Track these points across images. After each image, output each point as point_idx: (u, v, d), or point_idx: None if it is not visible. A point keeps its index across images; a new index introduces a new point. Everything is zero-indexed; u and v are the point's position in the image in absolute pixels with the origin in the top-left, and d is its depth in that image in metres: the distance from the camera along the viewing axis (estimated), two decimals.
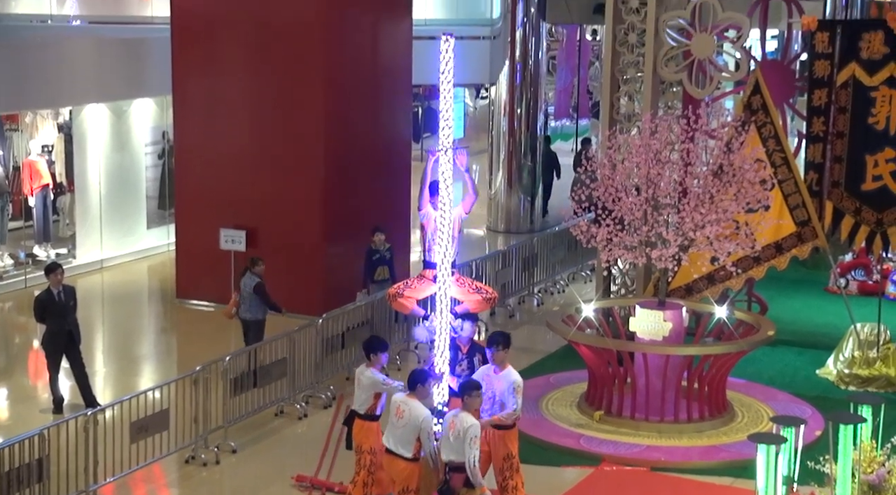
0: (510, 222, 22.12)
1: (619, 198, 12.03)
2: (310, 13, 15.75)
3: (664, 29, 14.18)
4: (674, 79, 14.44)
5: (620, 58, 14.56)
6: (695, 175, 11.94)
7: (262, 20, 15.94)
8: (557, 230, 18.35)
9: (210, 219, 16.24)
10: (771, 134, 13.78)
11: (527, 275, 17.39)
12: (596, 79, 27.29)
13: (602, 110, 14.86)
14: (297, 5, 15.77)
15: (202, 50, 16.34)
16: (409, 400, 9.52)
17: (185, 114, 16.65)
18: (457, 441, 9.18)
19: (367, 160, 16.52)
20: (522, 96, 21.69)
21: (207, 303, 16.50)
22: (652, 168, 11.91)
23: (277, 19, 15.83)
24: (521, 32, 21.43)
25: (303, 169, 15.91)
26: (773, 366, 14.19)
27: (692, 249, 12.06)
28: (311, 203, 15.91)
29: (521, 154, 21.87)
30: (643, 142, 12.03)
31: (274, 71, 15.92)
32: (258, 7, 15.94)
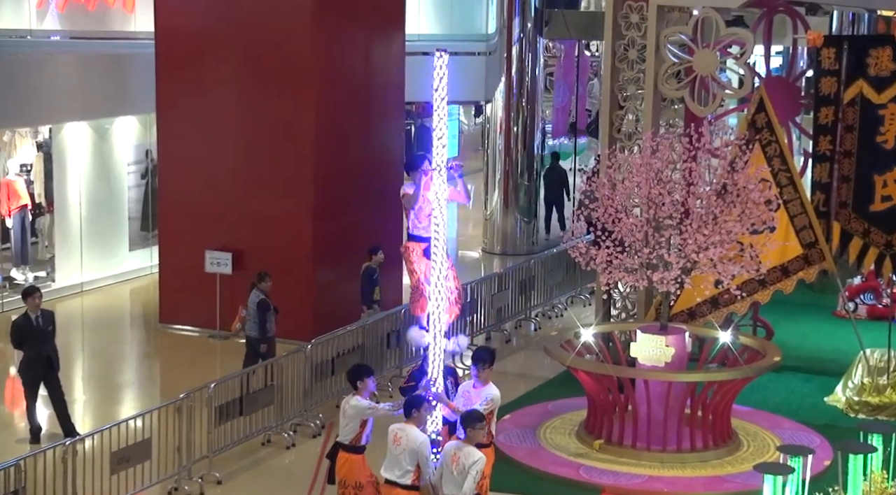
0: (506, 244, 22.10)
1: (619, 218, 12.05)
2: (300, 28, 15.79)
3: (665, 44, 14.23)
4: (675, 96, 14.49)
5: (620, 74, 14.60)
6: (697, 195, 11.96)
7: (250, 36, 15.97)
8: (556, 252, 18.35)
9: (195, 241, 16.23)
10: (776, 153, 13.81)
11: (524, 298, 17.36)
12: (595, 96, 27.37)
13: (601, 128, 14.88)
14: (287, 21, 15.81)
15: (188, 66, 16.36)
16: (406, 426, 9.53)
17: (169, 132, 16.65)
18: (461, 475, 9.18)
19: (359, 179, 16.53)
20: (519, 114, 21.73)
21: (192, 328, 16.45)
22: (653, 188, 11.93)
23: (266, 35, 15.87)
24: (518, 48, 21.48)
25: (291, 188, 15.90)
26: (780, 393, 14.17)
27: (695, 272, 12.06)
28: (301, 224, 15.90)
29: (517, 173, 21.89)
30: (644, 161, 12.06)
31: (262, 88, 15.94)
32: (246, 22, 15.98)
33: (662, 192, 11.93)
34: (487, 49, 22.12)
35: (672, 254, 11.88)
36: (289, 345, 14.02)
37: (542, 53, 22.01)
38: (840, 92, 14.04)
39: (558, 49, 23.93)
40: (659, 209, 11.94)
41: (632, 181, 12.06)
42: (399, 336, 14.55)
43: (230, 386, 12.11)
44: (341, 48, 16.26)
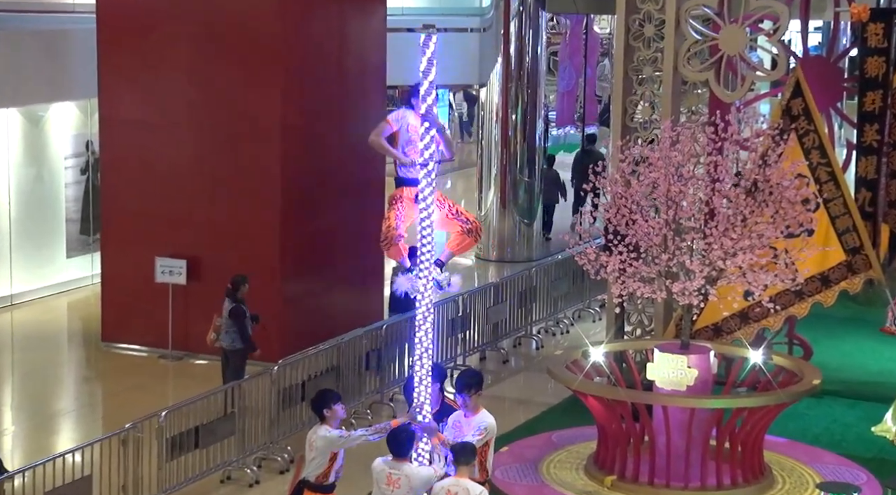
0: (504, 249, 22.14)
1: (633, 220, 12.06)
2: (266, 5, 15.80)
3: (687, 19, 14.25)
4: (698, 79, 14.50)
5: (635, 54, 14.61)
6: (724, 193, 11.97)
7: (207, 10, 16.00)
8: (560, 259, 18.36)
9: (143, 247, 16.24)
10: (815, 144, 13.84)
11: (524, 312, 17.41)
12: (606, 79, 27.41)
13: (613, 117, 14.90)
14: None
15: (135, 45, 16.36)
16: (400, 464, 9.48)
17: (113, 121, 16.64)
18: None
19: (334, 176, 16.54)
20: (518, 100, 21.76)
21: (140, 347, 16.45)
22: (673, 185, 11.95)
23: (226, 8, 15.89)
24: (517, 24, 21.51)
25: (256, 186, 15.91)
26: (820, 422, 14.19)
27: (721, 282, 12.08)
28: (266, 227, 15.91)
29: (516, 168, 21.91)
30: (662, 154, 12.07)
31: (221, 70, 15.96)
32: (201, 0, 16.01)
33: (683, 190, 11.94)
34: (482, 25, 22.15)
35: (695, 262, 11.89)
36: (253, 367, 14.04)
37: (545, 30, 22.04)
38: (889, 74, 14.08)
39: (563, 25, 23.94)
40: (679, 209, 11.95)
41: (648, 177, 12.08)
42: (380, 355, 14.57)
43: (184, 415, 12.10)
44: (313, 24, 16.27)
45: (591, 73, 25.00)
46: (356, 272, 17.02)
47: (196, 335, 15.13)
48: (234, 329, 13.99)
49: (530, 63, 21.62)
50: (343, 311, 16.58)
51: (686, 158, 12.04)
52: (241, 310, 14.02)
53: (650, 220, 12.02)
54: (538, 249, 22.18)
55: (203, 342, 14.47)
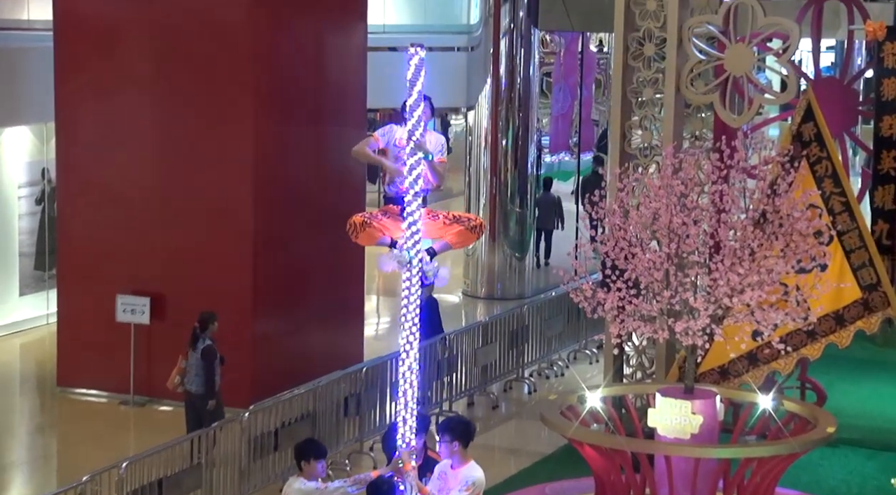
0: (493, 286, 22.13)
1: (632, 254, 12.04)
2: (235, 19, 15.82)
3: (690, 38, 14.29)
4: (702, 102, 14.53)
5: (634, 75, 14.64)
6: (731, 225, 11.96)
7: (173, 27, 16.02)
8: (554, 296, 18.35)
9: (103, 284, 16.22)
10: (827, 172, 13.86)
11: (515, 353, 17.41)
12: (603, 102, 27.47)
13: (611, 142, 14.91)
14: (219, 8, 15.86)
15: (95, 64, 16.38)
16: None
17: (71, 146, 16.65)
18: None
19: (310, 206, 16.53)
20: (509, 124, 21.80)
21: (98, 392, 16.40)
22: (675, 216, 11.94)
23: (193, 25, 15.91)
24: (507, 42, 21.58)
25: (225, 218, 15.89)
26: (836, 474, 14.17)
27: (728, 320, 12.06)
28: (237, 261, 15.89)
29: (506, 198, 21.94)
30: (664, 182, 12.07)
31: (188, 91, 15.98)
32: (168, 10, 16.03)
33: (687, 221, 11.94)
34: (469, 43, 22.23)
35: (699, 299, 11.87)
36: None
37: (538, 49, 22.11)
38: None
39: (557, 43, 24.03)
40: (682, 242, 11.94)
41: (649, 207, 12.06)
42: (359, 400, 14.53)
43: (146, 466, 12.03)
44: (287, 42, 16.30)
45: (587, 95, 25.09)
46: (334, 309, 17.00)
47: (160, 379, 15.09)
48: (202, 370, 13.97)
49: (522, 84, 21.67)
50: (320, 352, 16.57)
51: (689, 187, 12.04)
52: (213, 351, 14.03)
53: (651, 254, 12.03)
54: (531, 285, 22.17)
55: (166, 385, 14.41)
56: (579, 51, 24.62)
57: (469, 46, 22.20)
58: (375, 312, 21.63)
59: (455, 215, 12.04)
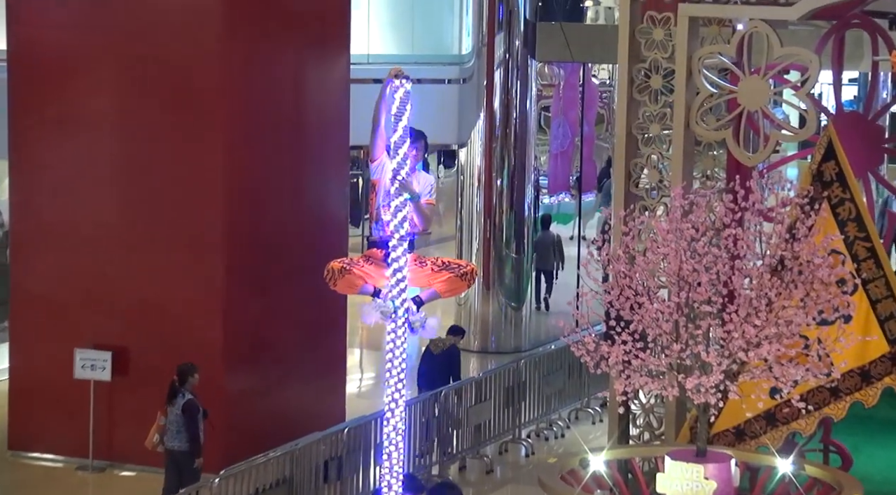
0: (487, 338, 22.10)
1: (639, 303, 12.03)
2: (205, 48, 15.84)
3: (700, 69, 14.33)
4: (714, 138, 14.55)
5: (640, 109, 14.66)
6: (746, 272, 11.96)
7: (138, 56, 16.05)
8: (554, 349, 18.31)
9: (60, 337, 16.17)
10: (851, 215, 13.85)
11: (511, 412, 17.38)
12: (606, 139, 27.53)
13: (615, 182, 14.92)
14: (188, 36, 15.89)
15: (53, 96, 16.41)
16: None
17: (26, 187, 16.66)
18: None
19: (288, 250, 16.52)
20: (504, 162, 21.82)
21: (54, 456, 16.33)
22: (685, 262, 11.94)
23: (159, 53, 15.93)
24: (502, 74, 21.63)
25: (194, 264, 15.87)
26: None
27: (743, 377, 12.03)
28: (207, 311, 15.85)
29: (501, 242, 21.93)
30: (672, 225, 12.07)
31: (154, 126, 15.98)
32: (133, 37, 16.06)
33: (698, 268, 11.93)
34: (461, 75, 22.27)
35: (712, 353, 11.85)
36: None
37: (535, 81, 22.16)
38: None
39: (556, 75, 24.11)
40: (693, 291, 11.93)
41: (656, 253, 12.07)
42: (340, 464, 14.46)
43: None
44: (262, 72, 16.31)
45: (588, 132, 25.14)
46: (313, 364, 16.97)
47: (122, 441, 15.04)
48: (185, 426, 14.06)
49: (518, 119, 21.71)
50: (297, 411, 16.53)
51: (700, 231, 12.04)
52: (195, 405, 14.11)
53: (659, 304, 12.00)
54: (528, 337, 22.13)
55: (131, 449, 14.40)
56: (580, 83, 24.68)
57: (461, 78, 22.24)
58: (358, 367, 21.57)
59: (444, 261, 12.03)
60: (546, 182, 23.84)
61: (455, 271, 11.92)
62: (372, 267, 11.85)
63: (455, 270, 11.93)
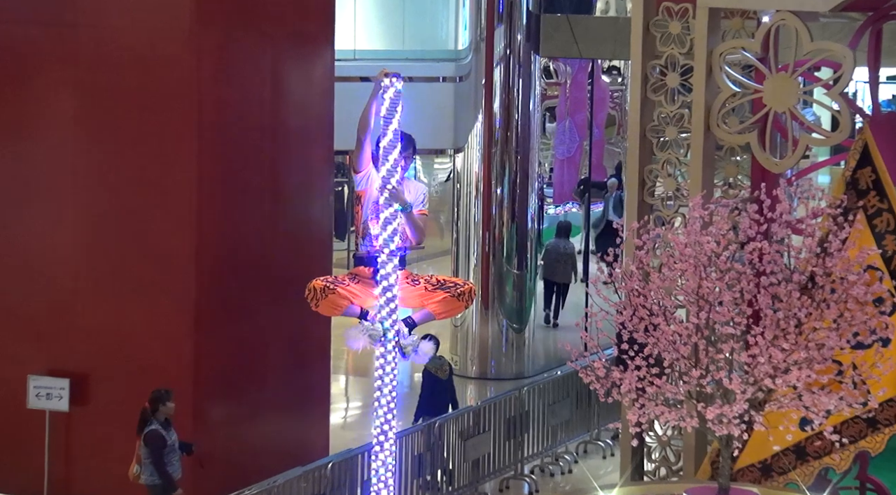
0: (486, 364, 22.08)
1: (654, 325, 12.01)
2: (174, 47, 15.80)
3: (721, 66, 14.31)
4: (737, 142, 14.53)
5: (655, 110, 14.65)
6: (772, 290, 11.94)
7: (99, 53, 16.03)
8: (560, 375, 18.29)
9: (11, 363, 16.16)
10: (889, 227, 13.83)
11: (513, 445, 17.38)
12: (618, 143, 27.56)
13: (627, 191, 14.90)
14: (154, 30, 15.85)
15: (4, 100, 16.39)
16: None
17: None
18: None
19: (266, 268, 16.49)
20: (505, 169, 21.81)
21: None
22: (705, 279, 11.92)
23: (122, 50, 15.91)
24: (502, 72, 21.63)
25: (162, 283, 15.84)
26: None
27: (769, 406, 12.00)
28: (176, 334, 15.82)
29: (502, 258, 21.92)
30: (691, 239, 12.05)
31: (115, 131, 15.97)
32: (92, 33, 16.03)
33: (719, 286, 11.91)
34: (457, 73, 22.27)
35: (735, 380, 11.82)
36: None
37: (539, 79, 22.15)
38: None
39: (563, 73, 24.12)
40: (714, 311, 11.91)
41: (673, 269, 12.05)
42: None
43: None
44: (237, 70, 16.29)
45: (598, 135, 25.14)
46: (295, 392, 16.97)
47: (81, 478, 15.02)
48: (150, 459, 14.14)
49: (520, 121, 21.70)
50: (276, 445, 16.54)
51: (722, 245, 12.02)
52: (159, 436, 14.11)
53: (676, 326, 11.97)
54: (531, 362, 22.11)
55: (91, 487, 14.37)
56: (589, 82, 24.68)
57: (457, 76, 22.24)
58: (344, 395, 21.54)
59: (439, 279, 12.02)
60: (551, 191, 23.83)
61: (451, 291, 11.91)
62: (359, 286, 11.83)
63: (451, 289, 11.92)
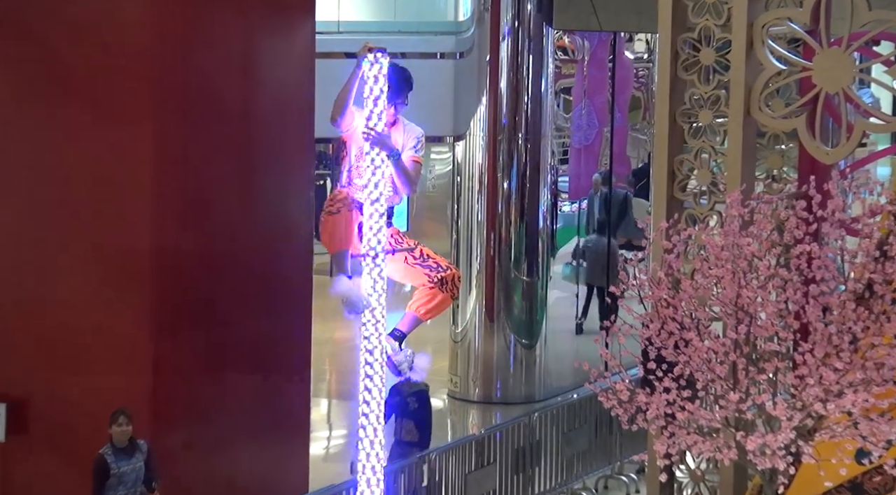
0: (491, 386, 22.12)
1: (685, 340, 11.98)
2: (129, 15, 15.78)
3: (764, 40, 14.26)
4: (782, 128, 14.50)
5: (687, 92, 14.62)
6: (823, 301, 11.88)
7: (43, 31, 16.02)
8: (577, 399, 18.27)
9: None
10: None
11: (522, 480, 17.40)
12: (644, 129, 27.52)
13: (654, 184, 14.86)
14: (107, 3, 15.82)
15: None
16: None
17: None
18: None
19: (234, 273, 16.49)
20: (512, 160, 21.79)
21: None
22: (745, 287, 11.88)
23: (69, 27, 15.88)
24: (509, 47, 21.61)
25: (116, 291, 15.83)
26: None
27: (821, 435, 11.94)
28: (132, 353, 15.81)
29: (509, 262, 21.90)
30: (728, 241, 12.02)
31: (64, 118, 15.95)
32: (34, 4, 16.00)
33: (761, 295, 11.86)
34: (458, 48, 22.27)
35: (780, 404, 11.77)
36: None
37: (552, 56, 22.12)
38: None
39: (579, 48, 24.08)
40: (755, 325, 11.87)
41: (707, 276, 12.02)
42: None
43: None
44: (202, 46, 16.27)
45: (620, 120, 25.10)
46: (270, 418, 17.02)
47: None
48: None
49: (530, 105, 21.70)
50: (249, 477, 16.62)
51: (765, 248, 11.97)
52: (101, 463, 14.20)
53: (711, 341, 11.93)
54: (542, 384, 22.10)
55: None
56: (610, 58, 24.65)
57: (457, 52, 22.25)
58: (326, 422, 21.55)
59: (423, 251, 12.06)
60: (566, 184, 23.80)
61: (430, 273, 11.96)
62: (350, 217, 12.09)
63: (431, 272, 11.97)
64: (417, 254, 12.34)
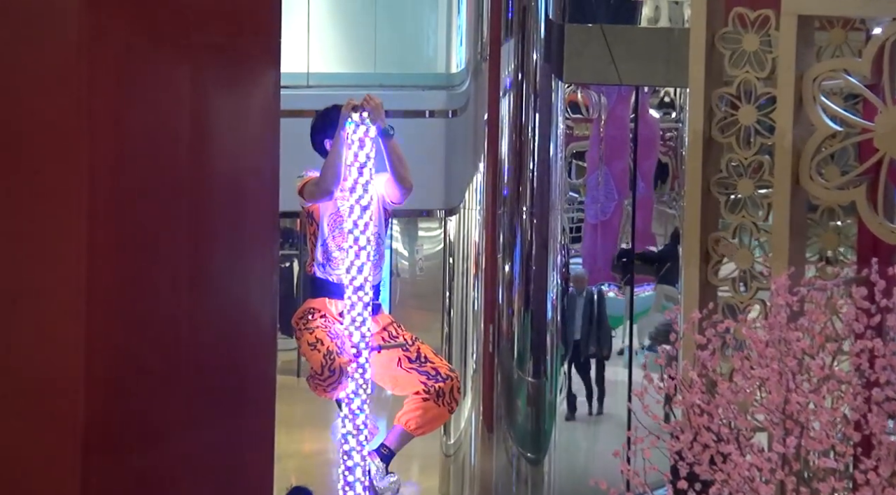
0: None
1: (723, 454, 11.99)
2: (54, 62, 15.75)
3: (817, 96, 14.28)
4: (837, 201, 14.51)
5: (723, 157, 14.63)
6: (889, 408, 11.89)
7: None
8: None
9: None
10: None
11: None
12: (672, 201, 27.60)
13: (685, 268, 14.86)
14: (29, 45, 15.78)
15: None
16: None
17: None
18: None
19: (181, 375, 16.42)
20: (515, 237, 21.82)
21: None
22: (794, 391, 11.89)
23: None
24: (511, 103, 21.67)
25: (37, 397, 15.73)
26: None
27: None
28: (57, 474, 15.72)
29: (511, 360, 21.92)
30: (774, 335, 12.03)
31: None
32: None
33: (814, 401, 11.86)
34: (450, 105, 22.33)
35: None
36: None
37: (562, 114, 22.20)
38: None
39: (594, 104, 24.18)
40: (807, 436, 11.87)
41: (749, 377, 12.03)
42: None
43: None
44: (144, 101, 16.26)
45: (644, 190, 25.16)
46: None
47: None
48: None
49: (536, 172, 21.75)
50: None
51: (817, 343, 11.97)
52: None
53: (754, 456, 11.91)
54: None
55: None
56: (631, 117, 24.72)
57: (449, 109, 22.30)
58: None
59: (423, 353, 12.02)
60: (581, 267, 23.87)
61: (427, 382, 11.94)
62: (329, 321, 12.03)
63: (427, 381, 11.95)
64: (414, 355, 12.23)
